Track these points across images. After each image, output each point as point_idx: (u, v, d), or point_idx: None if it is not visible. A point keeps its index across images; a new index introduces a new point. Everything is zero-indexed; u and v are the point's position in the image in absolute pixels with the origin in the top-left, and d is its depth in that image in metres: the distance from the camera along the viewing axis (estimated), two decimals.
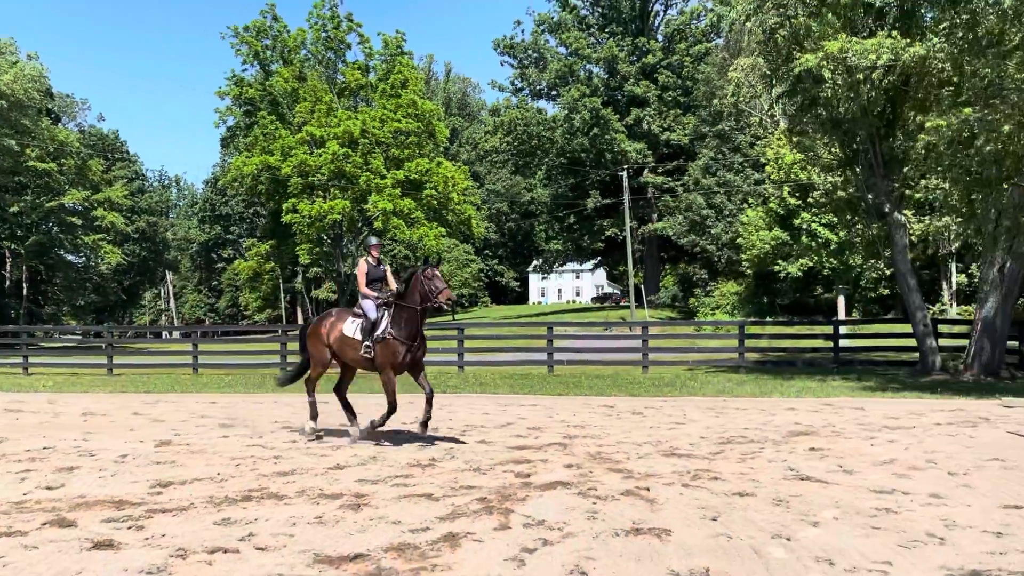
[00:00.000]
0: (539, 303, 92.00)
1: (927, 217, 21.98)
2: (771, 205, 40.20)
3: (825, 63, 15.12)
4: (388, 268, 9.95)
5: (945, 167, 15.73)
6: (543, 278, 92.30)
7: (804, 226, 37.24)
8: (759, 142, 45.13)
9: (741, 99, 19.88)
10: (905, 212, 18.76)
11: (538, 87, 65.23)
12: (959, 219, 18.03)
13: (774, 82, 18.62)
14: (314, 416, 10.03)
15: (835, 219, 29.41)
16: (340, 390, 10.12)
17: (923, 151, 15.89)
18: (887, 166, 17.56)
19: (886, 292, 41.60)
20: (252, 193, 51.32)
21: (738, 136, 49.05)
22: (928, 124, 14.35)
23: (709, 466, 7.94)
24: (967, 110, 13.92)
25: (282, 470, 7.87)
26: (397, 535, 5.48)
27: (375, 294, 9.47)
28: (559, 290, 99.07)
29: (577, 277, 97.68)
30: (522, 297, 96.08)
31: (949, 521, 5.79)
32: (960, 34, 14.14)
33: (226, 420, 11.81)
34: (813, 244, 37.01)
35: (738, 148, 49.36)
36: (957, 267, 40.07)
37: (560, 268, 77.91)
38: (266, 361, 22.65)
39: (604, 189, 61.43)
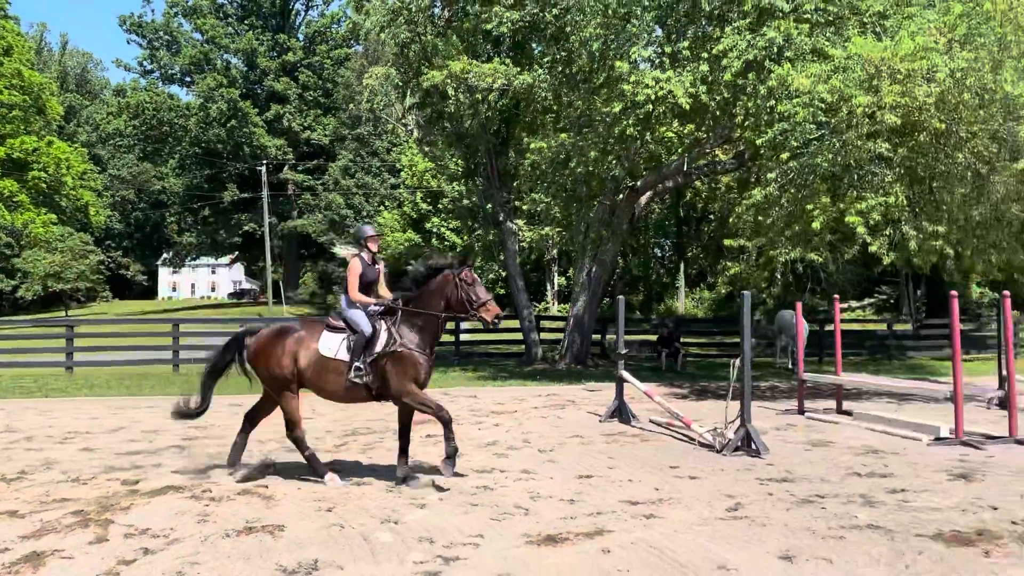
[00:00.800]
0: (169, 298, 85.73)
1: (535, 226, 24.96)
2: (405, 209, 42.15)
3: (449, 81, 16.32)
4: (382, 268, 7.63)
5: (547, 184, 17.93)
6: (174, 272, 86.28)
7: (434, 230, 39.66)
8: (395, 148, 47.03)
9: (377, 106, 20.54)
10: (517, 221, 20.98)
11: (170, 71, 60.69)
12: (558, 229, 20.65)
13: (407, 93, 19.60)
14: (321, 472, 7.05)
15: (460, 224, 31.87)
16: (254, 417, 7.64)
17: (530, 168, 17.93)
18: (502, 179, 19.48)
19: (502, 291, 45.64)
20: None
21: (376, 141, 50.58)
22: (533, 145, 16.27)
23: (332, 458, 8.14)
24: (563, 135, 16.02)
25: None
26: None
27: (372, 300, 7.25)
28: (192, 285, 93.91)
29: (213, 272, 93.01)
30: (150, 292, 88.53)
31: (535, 493, 6.59)
32: (560, 68, 16.20)
33: None
34: (441, 247, 39.57)
35: (376, 153, 50.90)
36: (558, 271, 45.55)
37: (194, 262, 73.27)
38: None
39: (243, 183, 59.02)
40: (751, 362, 8.94)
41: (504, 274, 36.00)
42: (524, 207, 21.33)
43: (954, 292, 9.61)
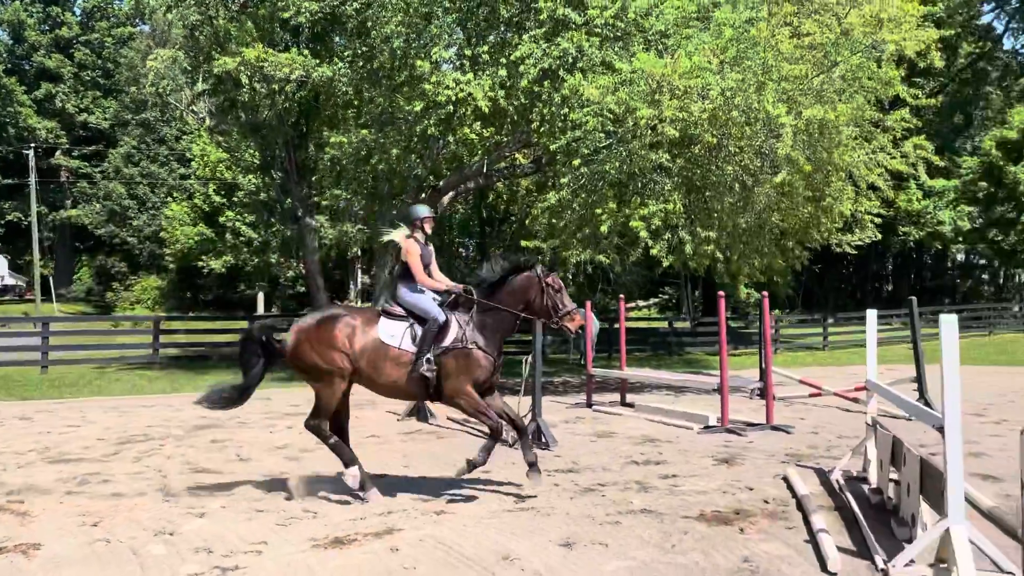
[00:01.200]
0: None
1: (337, 223, 24.41)
2: (196, 201, 39.80)
3: (243, 69, 15.56)
4: (433, 251, 7.06)
5: (348, 180, 17.61)
6: None
7: (229, 224, 37.67)
8: (185, 137, 44.26)
9: (164, 90, 19.20)
10: (317, 217, 20.42)
11: None
12: (360, 226, 20.33)
13: (197, 79, 18.47)
14: (351, 461, 6.50)
15: (256, 219, 30.55)
16: (338, 419, 6.86)
17: (330, 163, 17.51)
18: (301, 174, 18.86)
19: (303, 289, 44.46)
20: None
21: (163, 128, 47.34)
22: (333, 140, 15.88)
23: (101, 469, 7.63)
24: (365, 131, 15.78)
25: None
26: None
27: (442, 285, 6.74)
28: None
29: None
30: None
31: (325, 496, 6.46)
32: (361, 64, 15.94)
33: None
34: (236, 242, 37.68)
35: (163, 140, 47.66)
36: (362, 268, 44.97)
37: None
38: None
39: (6, 167, 52.99)
40: (543, 359, 9.29)
41: (304, 271, 35.08)
42: (325, 203, 20.78)
43: (722, 292, 10.53)
